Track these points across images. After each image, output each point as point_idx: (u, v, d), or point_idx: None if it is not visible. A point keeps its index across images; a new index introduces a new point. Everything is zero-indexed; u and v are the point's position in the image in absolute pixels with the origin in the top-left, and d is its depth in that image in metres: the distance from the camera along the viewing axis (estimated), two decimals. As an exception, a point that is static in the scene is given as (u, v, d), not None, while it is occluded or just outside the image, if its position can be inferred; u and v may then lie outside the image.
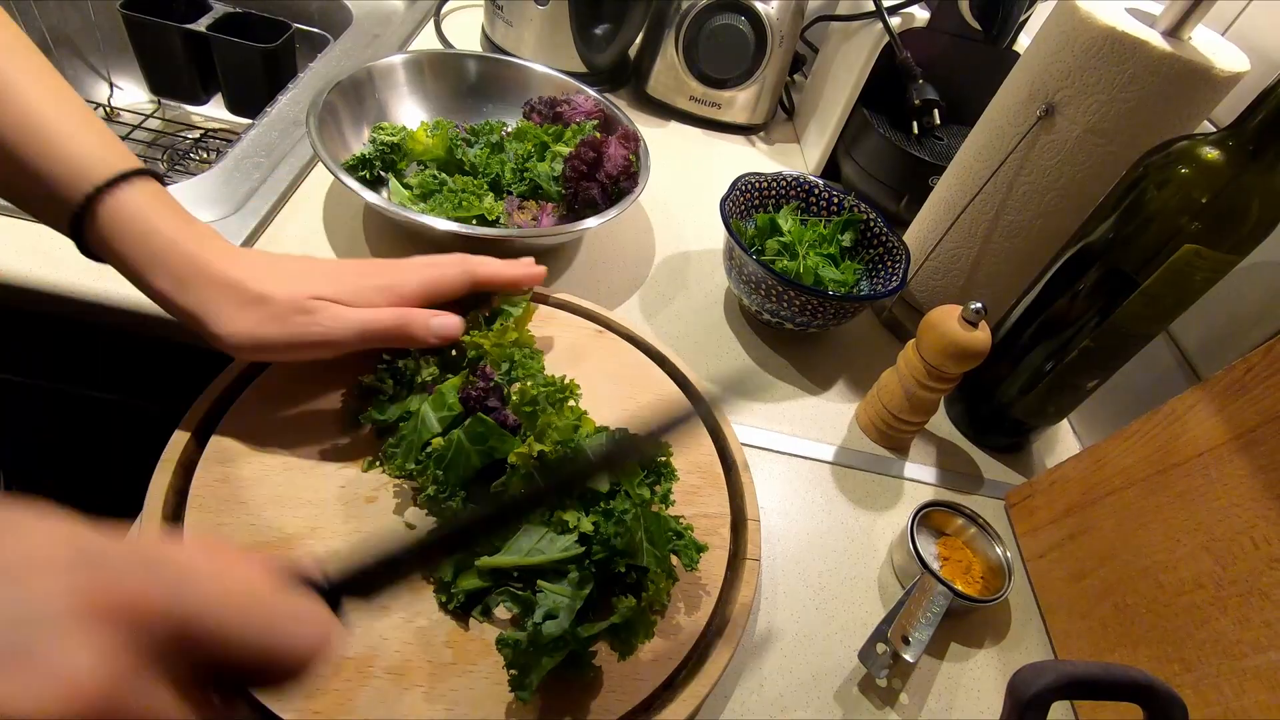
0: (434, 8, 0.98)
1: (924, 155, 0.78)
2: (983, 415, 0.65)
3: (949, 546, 0.55)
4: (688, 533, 0.43)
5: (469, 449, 0.42)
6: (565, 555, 0.39)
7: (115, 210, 0.38)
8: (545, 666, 0.36)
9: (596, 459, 0.41)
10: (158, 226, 0.39)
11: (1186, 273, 0.49)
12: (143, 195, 0.39)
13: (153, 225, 0.39)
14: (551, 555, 0.39)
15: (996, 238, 0.63)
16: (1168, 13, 0.52)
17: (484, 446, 0.42)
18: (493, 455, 0.42)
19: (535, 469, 0.40)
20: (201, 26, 0.89)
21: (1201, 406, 0.46)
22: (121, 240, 0.38)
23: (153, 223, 0.39)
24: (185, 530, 0.39)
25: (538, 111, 0.73)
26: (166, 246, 0.39)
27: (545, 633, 0.35)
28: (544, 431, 0.42)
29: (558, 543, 0.39)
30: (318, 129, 0.60)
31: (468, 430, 0.42)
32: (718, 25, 0.85)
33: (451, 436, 0.42)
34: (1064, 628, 0.52)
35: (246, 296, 0.40)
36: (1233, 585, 0.42)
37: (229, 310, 0.40)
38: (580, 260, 0.70)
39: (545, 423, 0.42)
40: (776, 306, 0.62)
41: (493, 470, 0.43)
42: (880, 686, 0.47)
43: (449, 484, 0.42)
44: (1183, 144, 0.48)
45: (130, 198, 0.38)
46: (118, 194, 0.38)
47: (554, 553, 0.39)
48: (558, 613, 0.37)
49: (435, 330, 0.45)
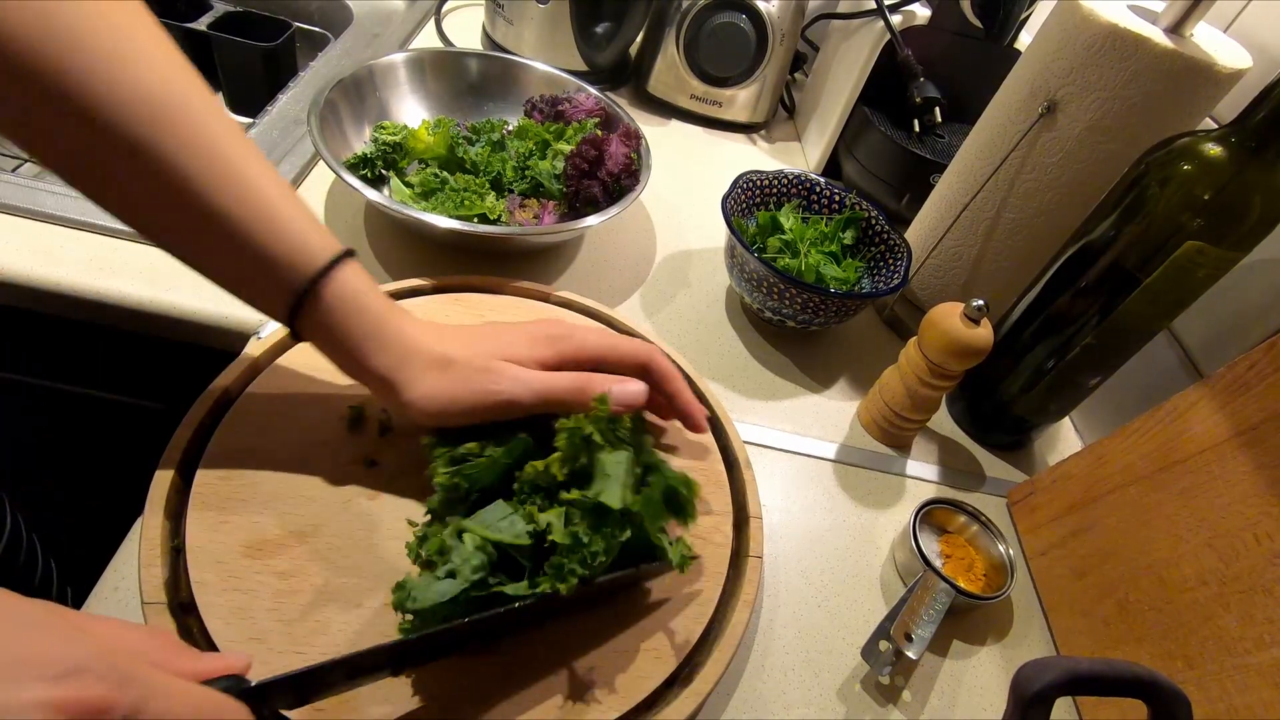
0: (434, 6, 0.98)
1: (925, 153, 0.78)
2: (984, 413, 0.65)
3: (951, 544, 0.55)
4: (676, 546, 0.41)
5: (502, 465, 0.41)
6: (516, 542, 0.37)
7: (335, 292, 0.38)
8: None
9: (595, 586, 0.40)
10: (369, 304, 0.39)
11: (1189, 270, 0.49)
12: (355, 275, 0.39)
13: (366, 303, 0.39)
14: (504, 536, 0.37)
15: (998, 235, 0.63)
16: (1169, 10, 0.52)
17: (512, 461, 0.41)
18: (520, 466, 0.41)
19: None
20: (202, 25, 0.90)
21: (1204, 403, 0.46)
22: (341, 319, 0.38)
23: (365, 300, 0.39)
24: (187, 530, 0.39)
25: (539, 109, 0.73)
26: (378, 322, 0.39)
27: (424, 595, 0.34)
28: (566, 462, 0.40)
29: (515, 525, 0.38)
30: (319, 127, 0.60)
31: (511, 448, 0.41)
32: (718, 23, 0.85)
33: (488, 448, 0.41)
34: (1066, 625, 0.52)
35: (434, 358, 0.40)
36: (1236, 582, 0.42)
37: (418, 373, 0.40)
38: (582, 258, 0.70)
39: (574, 456, 0.40)
40: (778, 304, 0.62)
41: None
42: (883, 684, 0.47)
43: (466, 489, 0.41)
44: (1185, 141, 0.48)
45: (346, 279, 0.38)
46: (336, 275, 0.38)
47: (508, 534, 0.37)
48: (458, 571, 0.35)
49: (618, 398, 0.42)
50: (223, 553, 0.39)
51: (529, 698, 0.37)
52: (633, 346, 0.46)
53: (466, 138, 0.70)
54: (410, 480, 0.45)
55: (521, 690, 0.38)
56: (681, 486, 0.41)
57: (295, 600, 0.38)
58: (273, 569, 0.39)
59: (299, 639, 0.37)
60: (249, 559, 0.39)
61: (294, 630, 0.37)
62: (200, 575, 0.37)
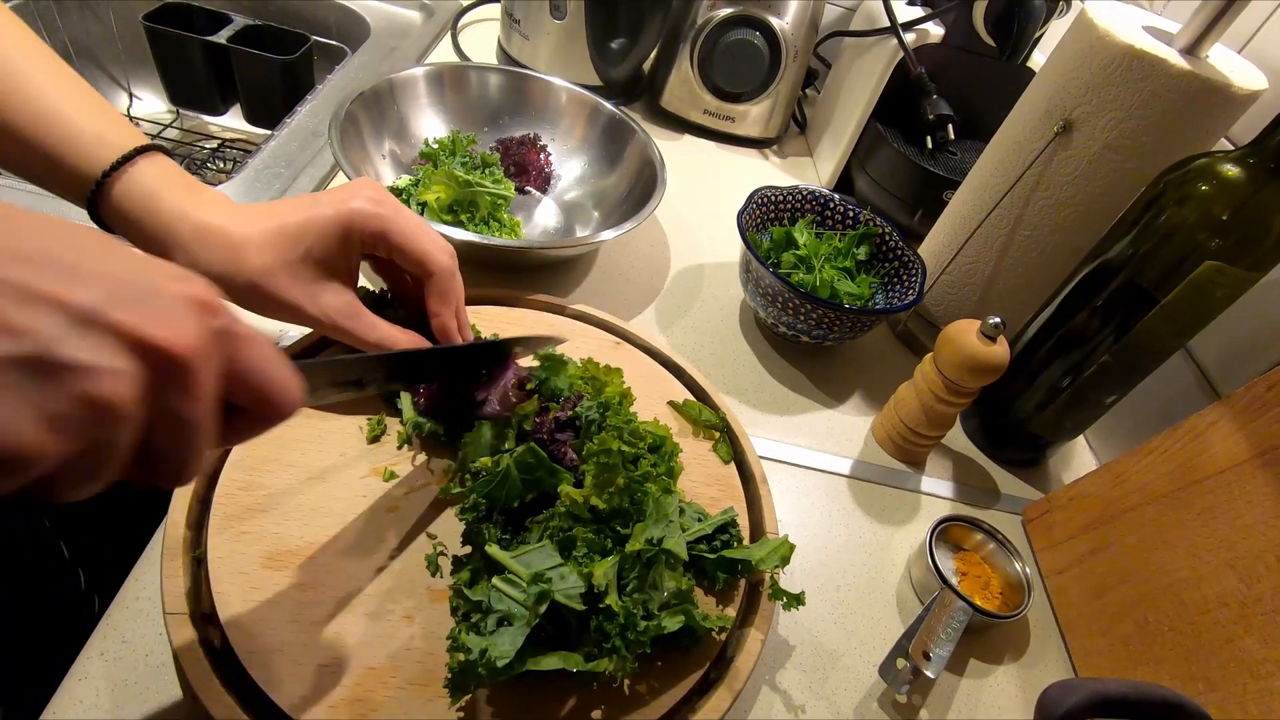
0: (450, 21, 0.99)
1: (938, 170, 0.78)
2: (999, 430, 0.65)
3: (967, 562, 0.54)
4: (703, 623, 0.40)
5: (515, 477, 0.41)
6: (565, 602, 0.36)
7: (124, 190, 0.40)
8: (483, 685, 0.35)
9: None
10: (159, 205, 0.40)
11: (1207, 289, 0.49)
12: (148, 174, 0.40)
13: (154, 205, 0.40)
14: (556, 593, 0.36)
15: (1013, 252, 0.63)
16: (1185, 31, 0.52)
17: (531, 477, 0.41)
18: (539, 487, 0.42)
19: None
20: (222, 38, 0.91)
21: (1223, 423, 0.46)
22: (135, 218, 0.40)
23: (154, 202, 0.40)
24: (209, 540, 0.39)
25: (511, 156, 0.74)
26: (168, 220, 0.40)
27: (492, 655, 0.33)
28: (604, 488, 0.40)
29: (567, 580, 0.37)
30: (340, 139, 0.60)
31: (518, 459, 0.41)
32: (732, 40, 0.86)
33: (500, 461, 0.41)
34: (1084, 645, 0.51)
35: (227, 244, 0.40)
36: (1258, 603, 0.41)
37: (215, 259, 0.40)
38: (596, 272, 0.70)
39: (610, 479, 0.40)
40: (793, 319, 0.62)
41: (538, 499, 0.42)
42: (900, 702, 0.47)
43: (487, 507, 0.41)
44: (1202, 161, 0.49)
45: (135, 178, 0.40)
46: (125, 175, 0.39)
47: (555, 588, 0.36)
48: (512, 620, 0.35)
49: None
50: (244, 563, 0.39)
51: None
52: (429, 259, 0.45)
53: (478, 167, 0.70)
54: (429, 493, 0.45)
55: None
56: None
57: (316, 611, 0.38)
58: (293, 580, 0.39)
59: (320, 650, 0.37)
60: (270, 569, 0.39)
61: (315, 641, 0.37)
62: (221, 586, 0.38)
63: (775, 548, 0.43)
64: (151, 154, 0.41)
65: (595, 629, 0.37)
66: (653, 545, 0.38)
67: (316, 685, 0.36)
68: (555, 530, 0.40)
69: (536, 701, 0.37)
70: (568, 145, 0.78)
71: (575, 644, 0.38)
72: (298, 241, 0.41)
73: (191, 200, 0.41)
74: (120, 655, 0.38)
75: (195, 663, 0.35)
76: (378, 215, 0.43)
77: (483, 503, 0.41)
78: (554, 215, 0.75)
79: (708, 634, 0.41)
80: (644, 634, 0.36)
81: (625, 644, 0.36)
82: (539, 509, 0.42)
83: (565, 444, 0.44)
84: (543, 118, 0.78)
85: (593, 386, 0.48)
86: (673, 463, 0.47)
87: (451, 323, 0.47)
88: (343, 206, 0.42)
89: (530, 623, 0.35)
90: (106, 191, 0.39)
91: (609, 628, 0.36)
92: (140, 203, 0.40)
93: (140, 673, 0.38)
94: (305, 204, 0.42)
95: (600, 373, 0.49)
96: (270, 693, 0.35)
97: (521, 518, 0.42)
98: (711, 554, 0.43)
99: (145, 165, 0.40)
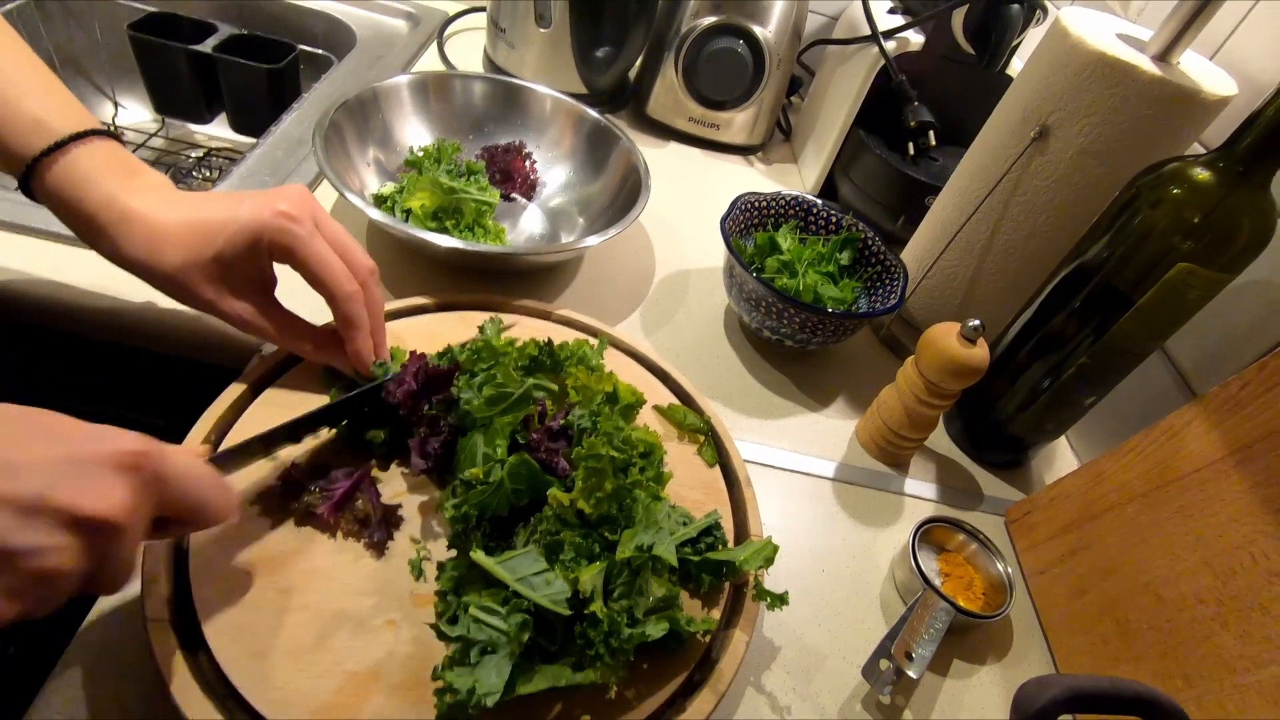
0: (437, 30, 1.00)
1: (920, 176, 0.79)
2: (981, 431, 0.65)
3: (950, 563, 0.55)
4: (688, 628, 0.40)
5: (507, 488, 0.41)
6: (551, 607, 0.36)
7: (59, 174, 0.40)
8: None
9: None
10: (87, 194, 0.40)
11: (1180, 291, 0.49)
12: (83, 161, 0.40)
13: (82, 194, 0.40)
14: (540, 599, 0.37)
15: (992, 256, 0.64)
16: (1157, 38, 0.53)
17: (523, 486, 0.41)
18: (531, 496, 0.42)
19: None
20: (207, 47, 0.91)
21: (1198, 422, 0.47)
22: (64, 201, 0.40)
23: (84, 190, 0.40)
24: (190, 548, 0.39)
25: (496, 163, 0.74)
26: (93, 209, 0.40)
27: (480, 692, 0.33)
28: (592, 492, 0.40)
29: (553, 585, 0.37)
30: (323, 147, 0.60)
31: (511, 469, 0.41)
32: (717, 48, 0.87)
33: (493, 471, 0.41)
34: (1066, 643, 0.52)
35: (149, 238, 0.41)
36: (1233, 600, 0.42)
37: (139, 252, 0.41)
38: (582, 277, 0.71)
39: (598, 484, 0.40)
40: (776, 324, 0.63)
41: (528, 506, 0.42)
42: (884, 703, 0.47)
43: (477, 517, 0.41)
44: (1174, 165, 0.49)
45: (71, 163, 0.40)
46: (62, 159, 0.40)
47: (540, 594, 0.37)
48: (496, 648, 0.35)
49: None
50: (226, 570, 0.39)
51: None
52: (332, 284, 0.44)
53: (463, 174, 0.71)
54: (415, 499, 0.45)
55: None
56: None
57: (298, 617, 0.38)
58: (275, 586, 0.39)
59: (301, 656, 0.37)
60: (251, 575, 0.39)
61: (296, 647, 0.37)
62: (203, 592, 0.37)
63: (759, 549, 0.43)
64: (91, 140, 0.41)
65: (579, 635, 0.37)
66: (643, 552, 0.38)
67: (299, 691, 0.35)
68: (543, 535, 0.40)
69: (524, 706, 0.37)
70: (553, 153, 0.79)
71: (561, 649, 0.38)
72: (210, 242, 0.42)
73: (125, 186, 0.41)
74: (100, 662, 0.38)
75: (176, 669, 0.34)
76: (287, 231, 0.42)
77: (473, 512, 0.41)
78: (539, 222, 0.75)
79: (692, 637, 0.41)
80: (628, 641, 0.36)
81: (609, 651, 0.36)
82: (528, 516, 0.42)
83: (558, 453, 0.44)
84: (528, 125, 0.79)
85: (584, 395, 0.49)
86: (661, 469, 0.47)
87: (364, 345, 0.46)
88: (256, 216, 0.42)
89: (514, 652, 0.35)
90: (40, 175, 0.40)
91: (593, 634, 0.36)
92: (70, 189, 0.40)
93: (120, 679, 0.37)
94: (229, 203, 0.43)
95: (592, 381, 0.49)
96: (252, 699, 0.35)
97: (510, 524, 0.42)
98: (696, 557, 0.43)
99: (81, 151, 0.40)
